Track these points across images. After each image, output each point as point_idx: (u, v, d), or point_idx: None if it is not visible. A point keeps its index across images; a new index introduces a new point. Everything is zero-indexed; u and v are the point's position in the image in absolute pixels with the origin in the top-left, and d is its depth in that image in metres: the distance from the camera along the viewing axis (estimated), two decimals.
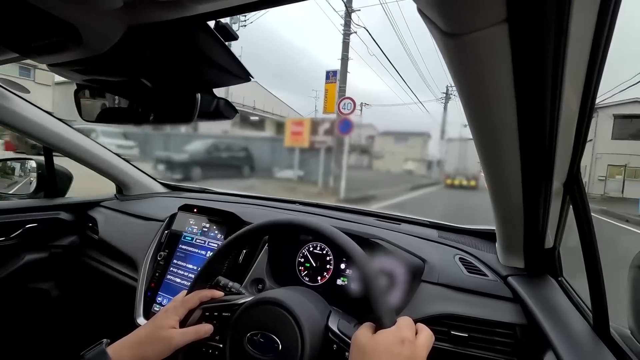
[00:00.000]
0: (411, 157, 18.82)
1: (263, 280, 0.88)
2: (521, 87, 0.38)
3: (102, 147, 1.34)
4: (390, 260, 0.82)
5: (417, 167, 18.39)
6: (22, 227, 1.17)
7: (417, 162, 18.65)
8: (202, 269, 0.69)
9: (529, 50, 0.34)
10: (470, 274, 0.79)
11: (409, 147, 19.33)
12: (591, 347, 0.56)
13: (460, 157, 13.93)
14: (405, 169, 18.08)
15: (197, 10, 0.42)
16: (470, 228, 1.02)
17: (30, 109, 1.10)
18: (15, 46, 0.51)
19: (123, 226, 1.26)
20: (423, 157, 19.09)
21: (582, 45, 0.37)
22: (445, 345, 0.70)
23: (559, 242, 0.73)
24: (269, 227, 0.68)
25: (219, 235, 1.03)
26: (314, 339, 0.54)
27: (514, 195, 0.59)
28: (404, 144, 19.36)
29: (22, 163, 1.35)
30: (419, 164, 18.68)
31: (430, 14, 0.33)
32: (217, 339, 0.62)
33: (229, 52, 0.50)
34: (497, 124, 0.45)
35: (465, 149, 13.60)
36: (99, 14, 0.43)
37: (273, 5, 0.44)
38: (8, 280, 1.16)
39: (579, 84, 0.42)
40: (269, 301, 0.58)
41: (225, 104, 0.59)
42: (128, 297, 1.03)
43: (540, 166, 0.52)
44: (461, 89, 0.42)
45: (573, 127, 0.49)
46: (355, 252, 0.59)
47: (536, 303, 0.66)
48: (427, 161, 18.83)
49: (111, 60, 0.51)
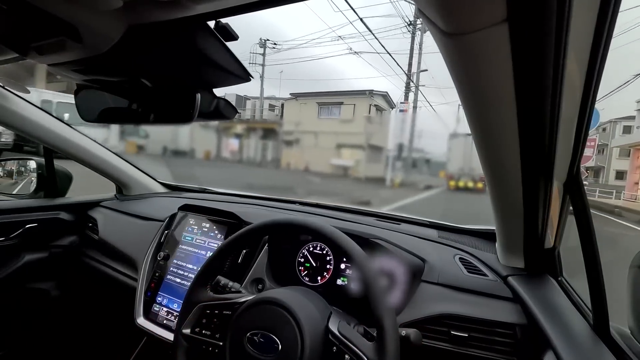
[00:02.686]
0: (348, 143, 11.24)
1: (263, 280, 0.88)
2: (521, 87, 0.38)
3: (102, 147, 1.34)
4: (390, 260, 0.82)
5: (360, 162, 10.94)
6: (22, 227, 1.17)
7: (359, 151, 11.10)
8: (202, 268, 0.69)
9: (529, 50, 0.34)
10: (470, 274, 0.79)
11: (343, 123, 11.86)
12: (591, 347, 0.56)
13: (465, 155, 10.72)
14: (337, 164, 10.95)
15: (197, 10, 0.42)
16: (470, 228, 1.02)
17: (30, 109, 1.10)
18: (15, 46, 0.51)
19: (123, 226, 1.26)
20: (374, 142, 10.91)
21: (582, 45, 0.37)
22: (445, 345, 0.70)
23: (559, 242, 0.73)
24: (270, 227, 0.68)
25: (219, 235, 1.03)
26: (314, 340, 0.54)
27: (514, 195, 0.59)
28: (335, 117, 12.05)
29: (22, 163, 1.35)
30: (365, 154, 10.95)
31: (430, 14, 0.33)
32: (217, 337, 0.62)
33: (229, 52, 0.50)
34: (497, 124, 0.45)
35: (472, 146, 11.82)
36: (99, 13, 0.43)
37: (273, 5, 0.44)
38: (8, 280, 1.16)
39: (579, 84, 0.42)
40: (270, 301, 0.58)
41: (225, 103, 0.59)
42: (128, 297, 1.03)
43: (540, 166, 0.52)
44: (461, 88, 0.42)
45: (573, 127, 0.49)
46: (356, 252, 0.59)
47: (536, 303, 0.66)
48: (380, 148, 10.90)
49: (111, 60, 0.51)
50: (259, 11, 0.44)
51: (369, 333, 0.59)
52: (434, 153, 11.27)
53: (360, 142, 11.41)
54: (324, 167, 11.20)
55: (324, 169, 11.14)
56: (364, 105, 12.65)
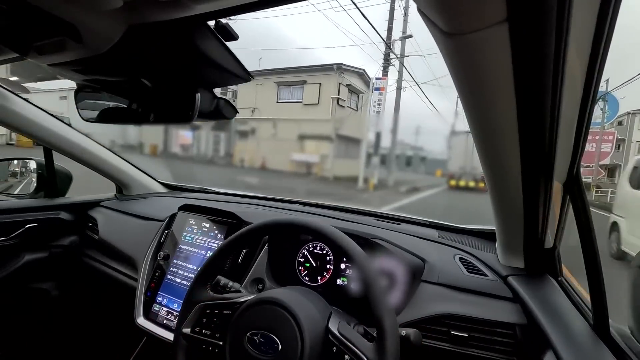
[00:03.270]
0: (312, 133, 8.91)
1: (263, 280, 0.88)
2: (521, 87, 0.38)
3: (102, 147, 1.34)
4: (390, 260, 0.82)
5: (327, 157, 8.70)
6: (22, 227, 1.17)
7: (326, 144, 8.73)
8: (202, 268, 0.69)
9: (529, 50, 0.34)
10: (470, 274, 0.79)
11: (307, 108, 9.28)
12: (591, 347, 0.56)
13: (467, 153, 9.35)
14: (300, 160, 8.87)
15: (197, 10, 0.42)
16: (470, 228, 1.02)
17: (30, 109, 1.10)
18: (15, 46, 0.51)
19: (123, 226, 1.26)
20: (345, 133, 8.72)
21: (582, 45, 0.37)
22: (445, 345, 0.70)
23: (559, 242, 0.73)
24: (271, 227, 0.68)
25: (219, 235, 1.03)
26: (314, 340, 0.54)
27: (514, 195, 0.59)
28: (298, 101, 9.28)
29: (22, 163, 1.35)
30: (333, 147, 8.69)
31: (430, 14, 0.33)
32: (217, 337, 0.62)
33: (229, 52, 0.50)
34: (497, 124, 0.45)
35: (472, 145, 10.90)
36: (99, 13, 0.43)
37: (273, 5, 0.44)
38: (8, 280, 1.16)
39: (579, 83, 0.42)
40: (270, 301, 0.58)
41: (225, 103, 0.59)
42: (128, 297, 1.03)
43: (540, 166, 0.52)
44: (461, 88, 0.42)
45: (573, 127, 0.49)
46: (356, 252, 0.59)
47: (536, 303, 0.66)
48: (354, 140, 8.74)
49: (111, 60, 0.51)
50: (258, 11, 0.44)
51: (369, 333, 0.59)
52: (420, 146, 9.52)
53: (328, 132, 9.12)
54: (284, 163, 9.20)
55: (284, 166, 9.17)
56: (331, 84, 9.93)
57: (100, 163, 1.34)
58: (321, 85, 10.06)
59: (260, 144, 9.81)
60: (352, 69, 10.51)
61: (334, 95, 9.93)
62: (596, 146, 13.58)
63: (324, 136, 9.21)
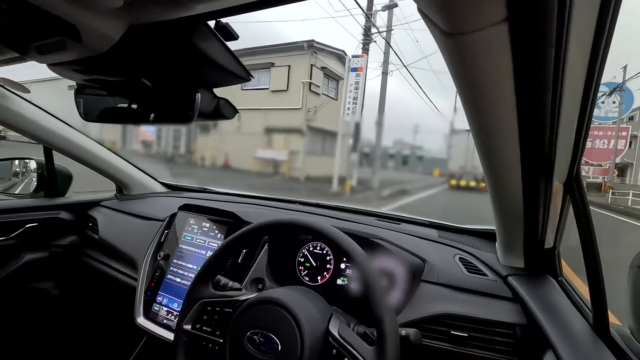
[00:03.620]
0: (280, 126, 7.78)
1: (263, 280, 0.88)
2: (521, 87, 0.38)
3: (102, 147, 1.34)
4: (390, 260, 0.82)
5: (297, 154, 7.61)
6: (22, 226, 1.17)
7: (297, 138, 7.61)
8: (204, 266, 0.70)
9: (529, 50, 0.34)
10: (470, 274, 0.79)
11: (275, 95, 8.01)
12: (591, 347, 0.56)
13: (467, 152, 9.45)
14: (265, 157, 7.68)
15: (197, 10, 0.42)
16: (470, 228, 1.02)
17: (30, 109, 1.10)
18: (15, 46, 0.51)
19: (123, 226, 1.26)
20: (319, 125, 7.59)
21: (583, 45, 0.37)
22: (445, 345, 0.70)
23: (559, 242, 0.73)
24: (271, 227, 0.68)
25: (219, 235, 1.03)
26: (314, 341, 0.54)
27: (514, 195, 0.59)
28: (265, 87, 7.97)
29: (23, 163, 1.35)
30: (305, 141, 7.60)
31: (430, 14, 0.33)
32: (217, 334, 0.63)
33: (229, 51, 0.50)
34: (497, 124, 0.45)
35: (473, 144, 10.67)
36: (100, 13, 0.43)
37: (273, 5, 0.44)
38: (8, 280, 1.16)
39: (579, 83, 0.42)
40: (270, 301, 0.58)
41: (225, 103, 0.59)
42: (128, 296, 1.04)
43: (540, 166, 0.52)
44: (461, 88, 0.42)
45: (573, 127, 0.49)
46: (356, 252, 0.59)
47: (536, 303, 0.66)
48: (329, 133, 7.55)
49: (111, 59, 0.51)
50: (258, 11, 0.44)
51: (369, 335, 0.59)
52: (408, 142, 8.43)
53: (298, 125, 7.81)
54: (248, 161, 7.96)
55: (248, 164, 7.93)
56: (303, 66, 8.29)
57: (100, 163, 1.34)
58: (290, 68, 8.53)
59: (223, 138, 8.62)
60: (327, 48, 8.90)
61: (305, 79, 8.37)
62: (613, 143, 12.52)
63: (294, 129, 8.03)
